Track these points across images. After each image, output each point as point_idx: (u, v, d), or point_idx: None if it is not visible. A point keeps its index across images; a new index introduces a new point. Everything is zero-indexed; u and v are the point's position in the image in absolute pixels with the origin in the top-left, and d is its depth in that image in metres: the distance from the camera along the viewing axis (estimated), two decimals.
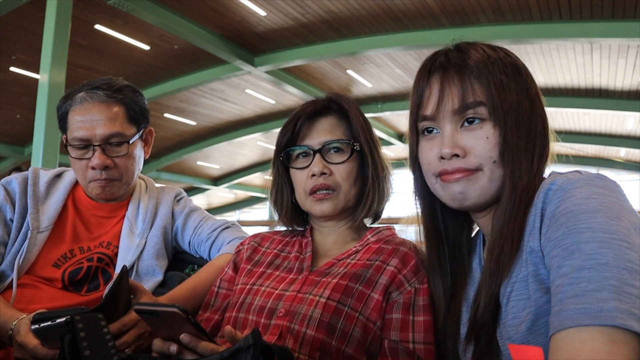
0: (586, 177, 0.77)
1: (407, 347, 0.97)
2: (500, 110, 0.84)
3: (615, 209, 0.71)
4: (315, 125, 1.14)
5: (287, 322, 0.98)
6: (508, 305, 0.81)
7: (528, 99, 0.87)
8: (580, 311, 0.64)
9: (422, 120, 0.91)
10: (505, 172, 0.84)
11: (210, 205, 25.03)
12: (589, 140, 15.03)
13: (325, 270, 1.08)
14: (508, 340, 0.80)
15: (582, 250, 0.68)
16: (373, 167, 1.13)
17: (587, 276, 0.66)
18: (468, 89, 0.85)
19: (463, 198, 0.86)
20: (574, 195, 0.74)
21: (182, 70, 10.83)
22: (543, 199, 0.78)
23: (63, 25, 6.33)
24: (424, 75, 0.90)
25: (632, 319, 0.62)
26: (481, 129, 0.85)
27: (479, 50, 0.89)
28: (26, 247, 1.30)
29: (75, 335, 0.82)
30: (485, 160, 0.84)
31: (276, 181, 1.19)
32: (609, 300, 0.63)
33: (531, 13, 8.05)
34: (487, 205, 0.89)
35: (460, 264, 0.97)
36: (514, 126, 0.84)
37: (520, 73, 0.88)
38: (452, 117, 0.87)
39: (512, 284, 0.81)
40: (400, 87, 12.04)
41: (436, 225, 0.98)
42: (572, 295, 0.66)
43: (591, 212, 0.71)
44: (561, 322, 0.65)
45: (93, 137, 1.33)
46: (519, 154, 0.84)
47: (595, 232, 0.69)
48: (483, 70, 0.86)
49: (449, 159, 0.86)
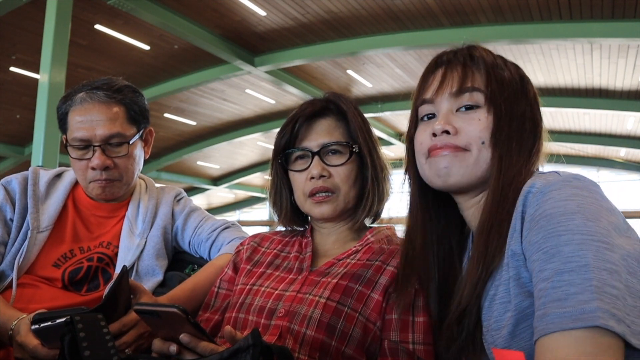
0: (564, 178, 0.77)
1: (407, 347, 0.97)
2: (497, 98, 0.87)
3: (593, 210, 0.71)
4: (314, 126, 1.14)
5: (287, 322, 0.98)
6: (491, 307, 0.81)
7: (525, 99, 0.89)
8: (563, 315, 0.64)
9: (421, 104, 0.93)
10: (494, 155, 0.85)
11: (210, 205, 25.02)
12: (589, 140, 15.03)
13: (325, 270, 1.08)
14: (492, 344, 0.81)
15: (562, 253, 0.68)
16: (372, 168, 1.13)
17: (568, 279, 0.66)
18: (468, 76, 0.89)
19: (447, 173, 0.87)
20: (552, 198, 0.74)
21: (182, 70, 10.83)
22: (523, 202, 0.79)
23: (63, 25, 6.34)
24: (431, 68, 0.94)
25: (613, 319, 0.62)
26: (475, 113, 0.87)
27: (488, 53, 0.93)
28: (26, 247, 1.30)
29: (75, 335, 0.82)
30: (474, 140, 0.86)
31: (275, 183, 1.19)
32: (590, 301, 0.63)
33: (531, 13, 8.05)
34: (472, 188, 0.89)
35: (449, 264, 0.96)
36: (508, 116, 0.86)
37: (523, 80, 0.91)
38: (450, 99, 0.90)
39: (496, 287, 0.81)
40: (400, 87, 12.04)
41: (425, 216, 0.96)
42: (554, 299, 0.66)
43: (569, 214, 0.71)
44: (545, 326, 0.66)
45: (93, 138, 1.33)
46: (510, 141, 0.85)
47: (574, 234, 0.69)
48: (487, 64, 0.89)
49: (439, 134, 0.87)
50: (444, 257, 0.96)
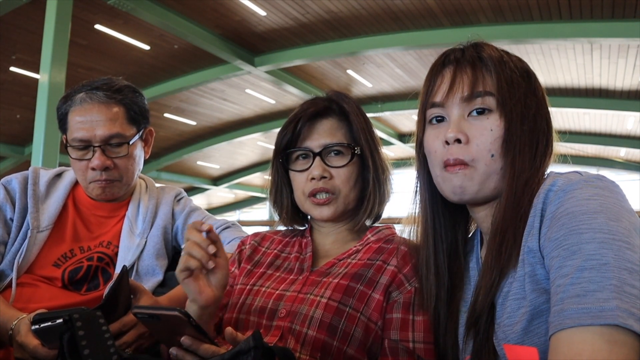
0: (586, 178, 0.77)
1: (407, 346, 0.97)
2: (509, 102, 0.86)
3: (615, 210, 0.72)
4: (316, 126, 1.13)
5: (289, 322, 0.98)
6: (504, 304, 0.81)
7: (535, 99, 0.89)
8: (581, 311, 0.64)
9: (430, 107, 0.92)
10: (505, 163, 0.85)
11: (210, 205, 25.01)
12: (589, 140, 15.02)
13: (326, 270, 1.07)
14: (503, 340, 0.81)
15: (583, 251, 0.69)
16: (374, 170, 1.12)
17: (588, 276, 0.66)
18: (479, 79, 0.87)
19: (462, 192, 0.87)
20: (574, 197, 0.74)
21: (182, 70, 10.82)
22: (543, 200, 0.79)
23: (63, 25, 6.33)
24: (438, 67, 0.93)
25: (632, 318, 0.62)
26: (487, 119, 0.86)
27: (494, 50, 0.91)
28: (26, 247, 1.30)
29: (74, 333, 0.82)
30: (483, 154, 0.85)
31: (275, 181, 1.19)
32: (609, 300, 0.63)
33: (531, 13, 8.04)
34: (488, 200, 0.89)
35: (456, 263, 0.97)
36: (519, 120, 0.85)
37: (530, 77, 0.91)
38: (461, 104, 0.88)
39: (510, 283, 0.81)
40: (400, 87, 12.04)
41: (434, 221, 0.97)
42: (573, 295, 0.66)
43: (592, 213, 0.71)
44: (562, 321, 0.66)
45: (93, 138, 1.33)
46: (522, 146, 0.85)
47: (596, 232, 0.69)
48: (496, 65, 0.88)
49: (451, 143, 0.86)
50: (449, 255, 0.97)
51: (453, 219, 0.98)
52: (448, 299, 0.95)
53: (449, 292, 0.95)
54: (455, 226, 0.99)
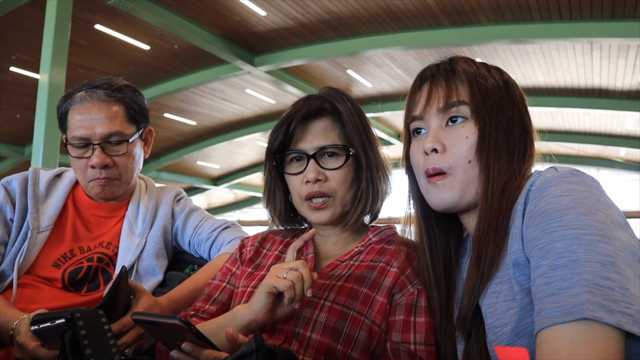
0: (561, 174, 0.78)
1: (409, 348, 0.97)
2: (482, 108, 0.89)
3: (588, 204, 0.72)
4: (309, 127, 1.10)
5: (292, 326, 0.98)
6: (495, 306, 0.82)
7: (511, 105, 0.91)
8: (556, 309, 0.66)
9: (412, 121, 0.96)
10: (481, 167, 0.87)
11: (210, 205, 25.00)
12: (589, 140, 15.02)
13: (329, 272, 1.06)
14: (495, 342, 0.81)
15: (555, 249, 0.70)
16: (368, 169, 1.10)
17: (560, 274, 0.68)
18: (453, 90, 0.91)
19: (444, 202, 0.90)
20: (548, 194, 0.76)
21: (182, 70, 10.82)
22: (524, 200, 0.80)
23: (63, 25, 6.33)
24: (417, 83, 0.98)
25: (603, 310, 0.63)
26: (463, 127, 0.90)
27: (470, 63, 0.95)
28: (26, 247, 1.30)
29: (76, 332, 0.81)
30: (460, 161, 0.88)
31: (269, 183, 1.16)
32: (580, 295, 0.65)
33: (531, 13, 8.04)
34: (472, 207, 0.91)
35: (450, 267, 0.99)
36: (494, 125, 0.88)
37: (508, 86, 0.93)
38: (438, 115, 0.92)
39: (497, 285, 0.82)
40: (400, 87, 12.03)
41: (428, 231, 1.00)
42: (548, 294, 0.68)
43: (563, 210, 0.72)
44: (542, 321, 0.68)
45: (93, 136, 1.33)
46: (497, 150, 0.87)
47: (567, 229, 0.70)
48: (469, 75, 0.92)
49: (429, 153, 0.90)
50: (444, 261, 0.98)
51: (446, 226, 1.00)
52: (446, 302, 0.96)
53: (447, 295, 0.96)
54: (449, 234, 1.00)
